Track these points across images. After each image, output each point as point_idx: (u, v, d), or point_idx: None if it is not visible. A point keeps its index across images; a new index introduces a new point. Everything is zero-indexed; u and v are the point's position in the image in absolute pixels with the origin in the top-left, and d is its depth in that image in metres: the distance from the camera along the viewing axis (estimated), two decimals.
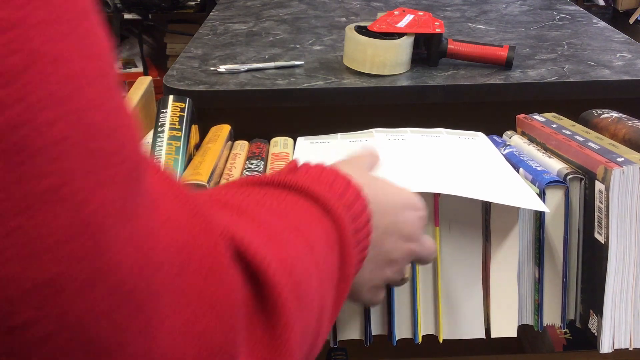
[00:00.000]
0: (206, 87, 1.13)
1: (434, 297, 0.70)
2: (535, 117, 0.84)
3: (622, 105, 0.89)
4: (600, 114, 0.82)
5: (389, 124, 0.87)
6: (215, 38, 1.42)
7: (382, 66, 1.16)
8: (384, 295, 0.60)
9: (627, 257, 0.66)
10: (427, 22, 1.20)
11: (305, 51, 1.31)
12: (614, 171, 0.64)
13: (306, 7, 1.68)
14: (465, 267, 0.70)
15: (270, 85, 1.14)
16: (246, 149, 0.82)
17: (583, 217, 0.70)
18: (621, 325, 0.67)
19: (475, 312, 0.71)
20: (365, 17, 1.57)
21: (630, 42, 1.35)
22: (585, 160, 0.69)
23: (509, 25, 1.48)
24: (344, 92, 1.14)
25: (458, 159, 0.75)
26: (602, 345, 0.67)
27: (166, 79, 1.16)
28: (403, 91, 1.14)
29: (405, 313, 0.70)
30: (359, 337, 0.71)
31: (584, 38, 1.38)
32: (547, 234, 0.70)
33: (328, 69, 1.21)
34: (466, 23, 1.50)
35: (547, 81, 1.14)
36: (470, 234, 0.70)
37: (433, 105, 1.20)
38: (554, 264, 0.71)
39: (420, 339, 0.71)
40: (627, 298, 0.66)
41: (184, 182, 0.67)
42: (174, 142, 0.74)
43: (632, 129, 0.75)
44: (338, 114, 1.22)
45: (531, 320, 0.72)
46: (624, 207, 0.65)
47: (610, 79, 1.15)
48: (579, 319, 0.72)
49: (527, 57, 1.25)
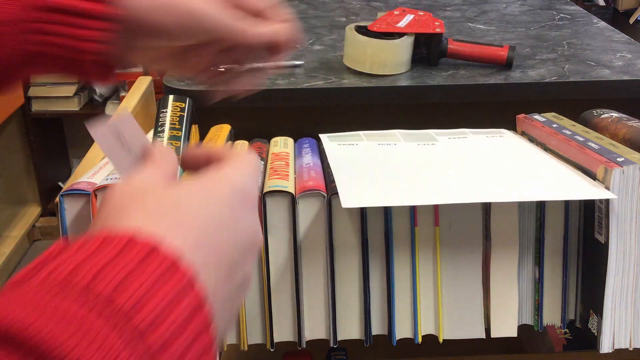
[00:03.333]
0: (206, 86, 1.13)
1: (434, 297, 0.70)
2: (535, 117, 0.84)
3: (622, 105, 0.90)
4: (600, 114, 0.82)
5: (389, 124, 0.87)
6: None
7: (382, 66, 1.16)
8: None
9: (627, 257, 0.66)
10: (427, 22, 1.20)
11: (306, 51, 1.31)
12: (614, 171, 0.64)
13: (306, 7, 1.68)
14: (465, 267, 0.70)
15: (270, 85, 1.14)
16: (246, 148, 0.82)
17: (583, 217, 0.70)
18: (621, 325, 0.67)
19: (475, 312, 0.71)
20: (365, 17, 1.57)
21: (630, 42, 1.35)
22: (585, 160, 0.69)
23: (509, 25, 1.48)
24: (344, 92, 1.14)
25: (502, 161, 0.75)
26: (602, 345, 0.67)
27: (166, 78, 1.16)
28: (403, 91, 1.14)
29: (405, 313, 0.70)
30: (359, 337, 0.71)
31: (584, 38, 1.38)
32: (547, 234, 0.70)
33: (328, 69, 1.21)
34: (466, 23, 1.50)
35: (547, 81, 1.14)
36: (470, 234, 0.70)
37: (433, 105, 1.20)
38: (554, 264, 0.71)
39: (420, 339, 0.71)
40: (627, 298, 0.66)
41: None
42: (174, 142, 0.74)
43: (632, 129, 0.75)
44: (338, 114, 1.22)
45: (531, 320, 0.72)
46: (624, 207, 0.65)
47: (610, 79, 1.15)
48: (579, 319, 0.72)
49: (527, 57, 1.25)
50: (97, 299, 0.27)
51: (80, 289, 0.27)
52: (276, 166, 0.74)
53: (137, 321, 0.27)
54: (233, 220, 0.36)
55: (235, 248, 0.36)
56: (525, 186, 0.68)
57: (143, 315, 0.27)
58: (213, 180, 0.38)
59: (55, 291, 0.27)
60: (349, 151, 0.77)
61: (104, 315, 0.26)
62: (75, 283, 0.27)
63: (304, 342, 0.71)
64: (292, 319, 0.70)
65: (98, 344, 0.25)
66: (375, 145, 0.78)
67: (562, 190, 0.66)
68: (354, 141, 0.80)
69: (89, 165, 0.77)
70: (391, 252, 0.69)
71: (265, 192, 0.67)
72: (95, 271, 0.28)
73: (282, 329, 0.71)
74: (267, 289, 0.69)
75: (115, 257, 0.29)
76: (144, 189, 0.35)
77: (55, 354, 0.25)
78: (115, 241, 0.30)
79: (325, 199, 0.68)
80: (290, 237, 0.68)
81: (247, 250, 0.37)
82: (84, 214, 0.66)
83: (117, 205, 0.34)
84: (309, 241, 0.69)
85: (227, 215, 0.36)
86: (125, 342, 0.26)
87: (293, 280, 0.69)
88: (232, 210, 0.36)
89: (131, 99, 1.00)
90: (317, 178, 0.70)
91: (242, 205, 0.37)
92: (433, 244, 0.69)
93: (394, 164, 0.73)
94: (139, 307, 0.27)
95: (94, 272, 0.28)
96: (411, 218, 0.69)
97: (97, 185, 0.66)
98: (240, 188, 0.38)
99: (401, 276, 0.70)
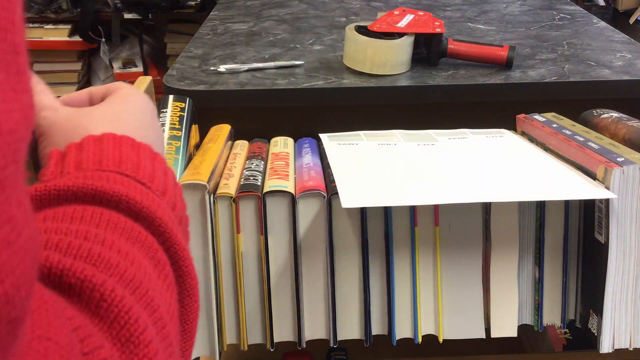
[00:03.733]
0: (206, 86, 1.13)
1: (434, 297, 0.70)
2: (535, 117, 0.84)
3: (622, 105, 0.90)
4: (600, 114, 0.82)
5: (389, 124, 0.87)
6: (216, 38, 1.42)
7: (382, 66, 1.16)
8: None
9: (627, 257, 0.66)
10: (427, 22, 1.20)
11: (306, 51, 1.31)
12: (614, 171, 0.64)
13: (306, 6, 1.68)
14: (465, 267, 0.70)
15: (270, 85, 1.14)
16: (246, 148, 0.82)
17: (583, 217, 0.70)
18: (621, 325, 0.67)
19: (475, 312, 0.71)
20: (365, 17, 1.57)
21: (630, 42, 1.35)
22: (585, 160, 0.69)
23: (509, 25, 1.48)
24: (344, 92, 1.14)
25: (502, 161, 0.75)
26: (602, 345, 0.67)
27: (166, 78, 1.16)
28: (403, 91, 1.14)
29: (405, 313, 0.70)
30: (359, 337, 0.71)
31: (584, 38, 1.38)
32: (547, 234, 0.70)
33: (328, 69, 1.21)
34: (466, 23, 1.50)
35: (547, 81, 1.14)
36: (470, 234, 0.70)
37: (433, 105, 1.20)
38: (554, 264, 0.71)
39: (420, 339, 0.71)
40: (627, 298, 0.66)
41: (183, 181, 0.67)
42: (174, 141, 0.74)
43: (632, 129, 0.75)
44: (338, 114, 1.22)
45: (531, 320, 0.72)
46: (624, 207, 0.65)
47: (610, 79, 1.15)
48: (579, 319, 0.72)
49: (527, 57, 1.25)
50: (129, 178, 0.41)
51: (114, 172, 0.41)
52: (276, 166, 0.74)
53: (154, 188, 0.42)
54: (154, 122, 0.51)
55: (163, 145, 0.52)
56: (525, 186, 0.68)
57: (156, 185, 0.43)
58: (126, 97, 0.51)
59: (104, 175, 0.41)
60: (349, 151, 0.77)
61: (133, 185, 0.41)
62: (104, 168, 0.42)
63: (304, 342, 0.71)
64: (292, 319, 0.70)
65: (150, 200, 0.41)
66: (375, 145, 0.78)
67: (562, 190, 0.66)
68: (354, 141, 0.80)
69: None
70: (391, 252, 0.69)
71: (265, 192, 0.67)
72: (117, 160, 0.42)
73: (282, 329, 0.71)
74: (267, 289, 0.69)
75: (120, 151, 0.43)
76: (81, 111, 0.49)
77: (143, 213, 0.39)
78: (108, 140, 0.44)
79: (325, 199, 0.68)
80: (290, 237, 0.68)
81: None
82: None
83: (69, 124, 0.47)
84: (309, 241, 0.69)
85: (149, 119, 0.51)
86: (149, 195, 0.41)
87: (293, 280, 0.69)
88: (151, 115, 0.52)
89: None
90: (317, 178, 0.70)
91: (153, 111, 0.52)
92: (433, 244, 0.69)
93: (394, 164, 0.73)
94: (151, 178, 0.43)
95: (116, 161, 0.42)
96: (411, 218, 0.69)
97: None
98: (145, 98, 0.52)
99: (401, 276, 0.70)
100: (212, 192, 0.68)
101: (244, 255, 0.69)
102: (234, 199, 0.68)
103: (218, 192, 0.68)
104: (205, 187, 0.66)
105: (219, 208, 0.68)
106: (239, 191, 0.68)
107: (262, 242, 0.68)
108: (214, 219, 0.68)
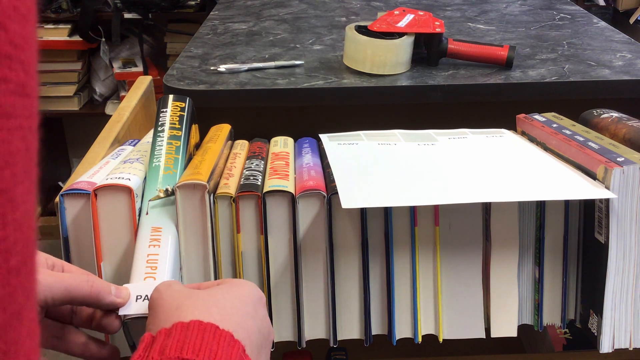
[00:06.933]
0: (206, 86, 1.13)
1: (434, 297, 0.70)
2: (535, 117, 0.84)
3: (622, 105, 0.90)
4: (600, 114, 0.82)
5: (389, 124, 0.87)
6: (216, 38, 1.42)
7: (382, 66, 1.16)
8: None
9: (627, 257, 0.66)
10: (427, 22, 1.20)
11: (306, 51, 1.31)
12: (614, 171, 0.64)
13: (306, 6, 1.68)
14: (465, 267, 0.70)
15: (270, 84, 1.14)
16: (246, 148, 0.82)
17: (583, 217, 0.70)
18: (621, 325, 0.67)
19: (475, 312, 0.71)
20: (365, 16, 1.57)
21: (630, 42, 1.35)
22: (585, 160, 0.69)
23: (509, 25, 1.48)
24: (344, 92, 1.14)
25: (502, 161, 0.75)
26: (602, 345, 0.67)
27: (166, 78, 1.16)
28: (403, 91, 1.14)
29: (405, 313, 0.70)
30: (359, 337, 0.71)
31: (584, 38, 1.38)
32: (547, 234, 0.70)
33: (328, 69, 1.21)
34: (466, 23, 1.50)
35: (547, 81, 1.14)
36: (470, 234, 0.70)
37: (433, 105, 1.20)
38: (554, 264, 0.71)
39: (420, 338, 0.71)
40: (627, 298, 0.66)
41: (183, 181, 0.67)
42: (174, 141, 0.74)
43: (632, 128, 0.75)
44: (338, 114, 1.22)
45: (531, 320, 0.72)
46: (624, 207, 0.65)
47: (611, 79, 1.15)
48: (579, 319, 0.72)
49: (527, 57, 1.25)
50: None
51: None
52: (276, 166, 0.74)
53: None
54: (254, 312, 0.52)
55: (260, 332, 0.51)
56: (525, 186, 0.68)
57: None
58: (235, 286, 0.54)
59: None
60: (349, 151, 0.77)
61: None
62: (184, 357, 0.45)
63: (304, 342, 0.71)
64: (292, 318, 0.70)
65: None
66: (375, 145, 0.78)
67: (562, 190, 0.66)
68: (354, 141, 0.80)
69: (89, 165, 0.77)
70: (391, 252, 0.69)
71: (265, 192, 0.67)
72: (197, 348, 0.45)
73: (282, 328, 0.71)
74: (267, 289, 0.69)
75: (202, 338, 0.46)
76: (189, 292, 0.52)
77: None
78: (193, 328, 0.47)
79: (325, 198, 0.68)
80: (290, 237, 0.68)
81: (266, 339, 0.52)
82: (84, 213, 0.66)
83: (173, 304, 0.50)
84: (309, 241, 0.69)
85: (250, 308, 0.52)
86: None
87: (293, 280, 0.69)
88: (253, 305, 0.52)
89: (131, 98, 1.00)
90: (317, 178, 0.70)
91: (259, 302, 0.53)
92: (433, 244, 0.69)
93: (394, 164, 0.73)
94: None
95: (196, 349, 0.45)
96: (411, 218, 0.69)
97: (97, 185, 0.66)
98: (254, 289, 0.54)
99: (401, 276, 0.70)
100: (212, 191, 0.68)
101: (244, 255, 0.69)
102: (234, 199, 0.68)
103: (218, 192, 0.68)
104: (205, 186, 0.66)
105: (219, 208, 0.68)
106: (239, 191, 0.68)
107: (262, 242, 0.68)
108: (214, 218, 0.68)
